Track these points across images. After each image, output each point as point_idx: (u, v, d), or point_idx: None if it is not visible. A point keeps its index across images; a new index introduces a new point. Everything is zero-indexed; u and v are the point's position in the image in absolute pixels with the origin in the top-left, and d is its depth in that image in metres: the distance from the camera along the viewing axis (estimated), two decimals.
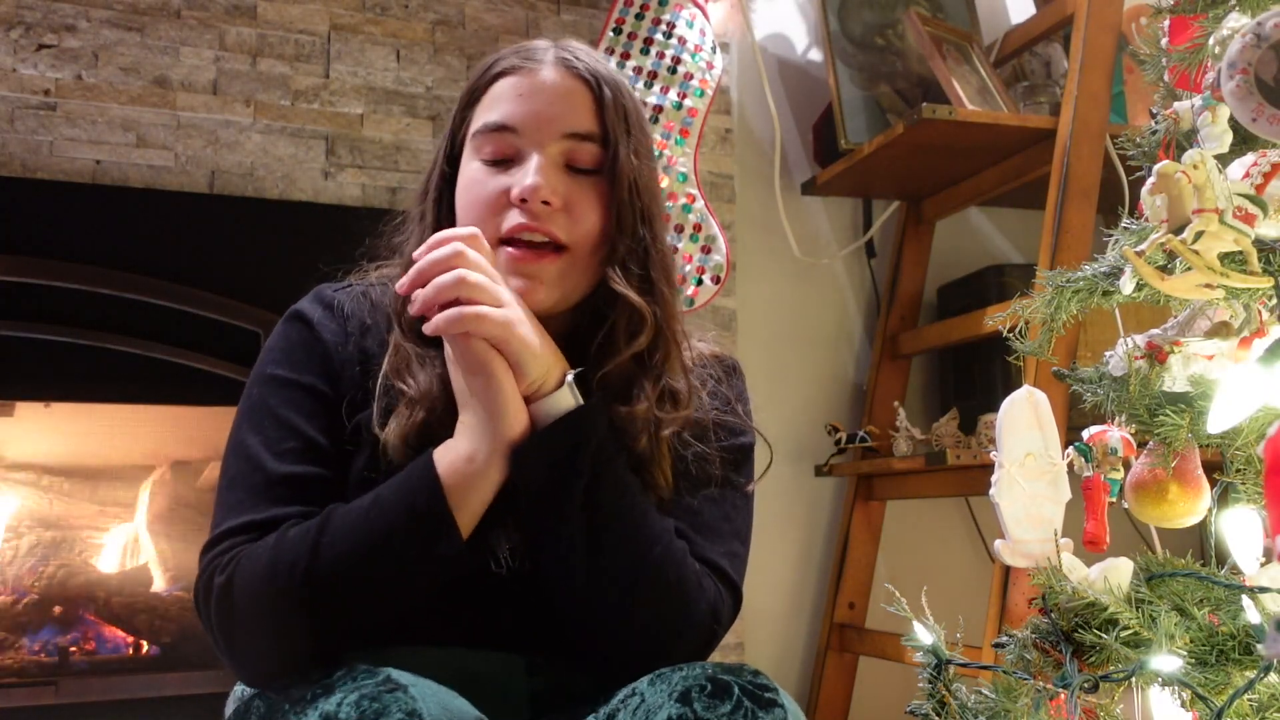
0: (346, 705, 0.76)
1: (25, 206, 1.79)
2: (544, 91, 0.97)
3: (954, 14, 2.38)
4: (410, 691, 0.77)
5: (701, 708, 0.79)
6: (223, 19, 1.97)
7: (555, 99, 0.97)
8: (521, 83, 0.98)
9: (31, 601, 1.93)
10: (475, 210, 0.97)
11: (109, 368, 1.81)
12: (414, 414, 0.93)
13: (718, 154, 2.29)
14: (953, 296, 2.38)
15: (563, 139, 0.97)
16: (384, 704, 0.76)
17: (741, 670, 0.83)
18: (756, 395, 1.15)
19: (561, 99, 0.97)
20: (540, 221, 0.95)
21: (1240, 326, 0.94)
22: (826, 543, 2.38)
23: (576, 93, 0.98)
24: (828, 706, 2.23)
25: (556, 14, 2.19)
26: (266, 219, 1.92)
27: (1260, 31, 0.86)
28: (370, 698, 0.76)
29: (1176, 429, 0.92)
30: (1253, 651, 0.83)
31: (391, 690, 0.77)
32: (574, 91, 0.98)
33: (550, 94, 0.97)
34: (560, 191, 0.96)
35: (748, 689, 0.81)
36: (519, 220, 0.95)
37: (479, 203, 0.97)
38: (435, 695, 0.79)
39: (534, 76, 0.98)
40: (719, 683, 0.81)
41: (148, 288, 1.82)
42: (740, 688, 0.80)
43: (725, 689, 0.80)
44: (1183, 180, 0.83)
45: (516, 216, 0.95)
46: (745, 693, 0.80)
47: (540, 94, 0.97)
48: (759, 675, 0.83)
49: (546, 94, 0.97)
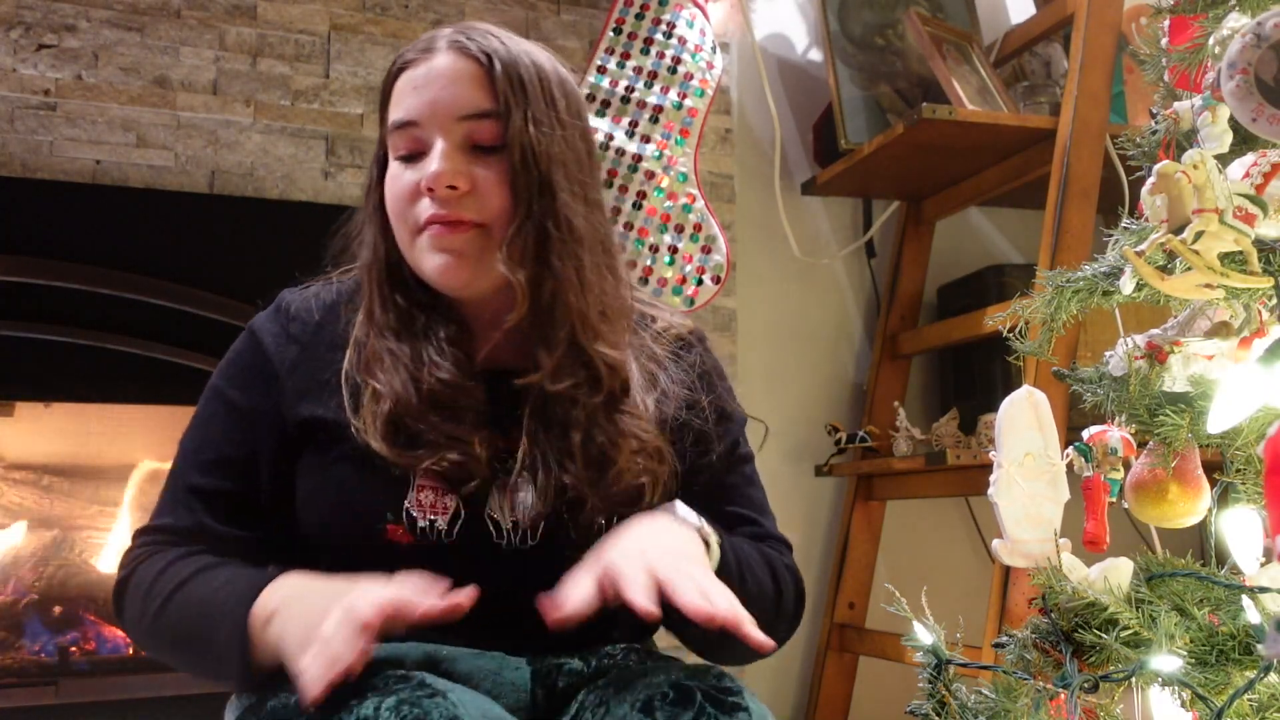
0: (385, 710, 0.75)
1: (25, 206, 1.79)
2: (437, 78, 0.98)
3: (954, 14, 2.38)
4: (449, 697, 0.77)
5: (664, 717, 0.80)
6: (223, 19, 1.97)
7: (448, 83, 0.98)
8: (416, 74, 0.99)
9: (31, 601, 1.93)
10: (395, 206, 0.99)
11: (109, 368, 1.81)
12: (380, 405, 0.95)
13: (718, 154, 2.29)
14: (953, 296, 2.38)
15: (460, 121, 0.97)
16: (424, 709, 0.75)
17: (708, 674, 0.83)
18: (756, 395, 1.18)
19: (454, 82, 0.98)
20: (451, 208, 0.96)
21: (1240, 326, 0.94)
22: (826, 543, 2.37)
23: (468, 73, 0.98)
24: (828, 706, 2.23)
25: (556, 14, 2.19)
26: (266, 219, 1.93)
27: (1260, 31, 0.86)
28: (410, 703, 0.76)
29: (1176, 429, 0.92)
30: (1253, 651, 0.83)
31: (431, 695, 0.77)
32: (465, 72, 0.98)
33: (443, 79, 0.98)
34: (466, 173, 0.96)
35: (710, 694, 0.81)
36: (431, 210, 0.96)
37: (397, 199, 0.99)
38: (474, 701, 0.79)
39: (428, 65, 0.99)
40: (682, 689, 0.81)
41: (148, 288, 1.82)
42: (703, 693, 0.81)
43: (688, 696, 0.80)
44: (1183, 180, 0.83)
45: (429, 206, 0.97)
46: (708, 698, 0.80)
47: (434, 82, 0.98)
48: (724, 678, 0.83)
49: (440, 80, 0.98)
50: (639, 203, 1.85)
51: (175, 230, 1.87)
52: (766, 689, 2.27)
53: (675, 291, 1.85)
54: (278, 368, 1.01)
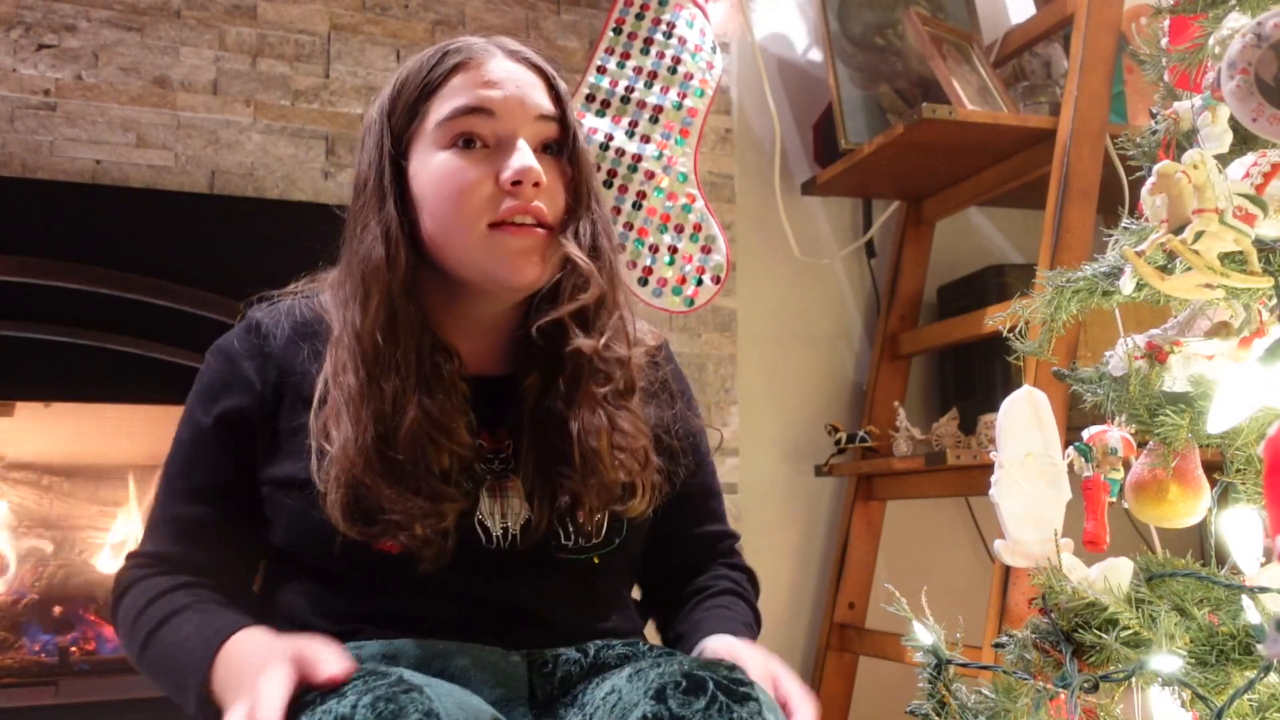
0: (362, 707, 0.75)
1: (25, 206, 1.79)
2: (511, 77, 1.00)
3: (954, 14, 2.38)
4: (426, 692, 0.77)
5: (676, 704, 0.80)
6: (223, 19, 1.97)
7: (522, 83, 1.00)
8: (484, 71, 0.99)
9: (31, 601, 1.93)
10: (460, 198, 0.96)
11: (109, 368, 1.81)
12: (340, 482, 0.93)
13: (718, 154, 2.29)
14: (953, 296, 2.38)
15: (536, 120, 0.99)
16: (400, 704, 0.75)
17: (718, 666, 0.84)
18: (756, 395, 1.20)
19: (527, 84, 1.00)
20: (530, 202, 0.97)
21: (1240, 326, 0.94)
22: (826, 543, 2.37)
23: (534, 78, 1.02)
24: (828, 706, 2.23)
25: (556, 14, 2.19)
26: (266, 219, 1.93)
27: (1260, 31, 0.86)
28: (385, 699, 0.76)
29: (1176, 429, 0.92)
30: (1253, 651, 0.83)
31: (406, 691, 0.77)
32: (532, 77, 1.02)
33: (517, 79, 1.00)
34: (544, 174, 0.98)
35: (722, 684, 0.81)
36: (512, 203, 0.96)
37: (462, 189, 0.96)
38: (450, 694, 0.79)
39: (491, 65, 1.00)
40: (694, 679, 0.82)
41: (148, 288, 1.82)
42: (715, 683, 0.81)
43: (700, 685, 0.81)
44: (1183, 180, 0.83)
45: (507, 200, 0.96)
46: (720, 688, 0.81)
47: (508, 79, 0.99)
48: (735, 670, 0.84)
49: (514, 79, 1.00)
50: (639, 203, 1.85)
51: (175, 230, 1.87)
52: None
53: (675, 291, 1.85)
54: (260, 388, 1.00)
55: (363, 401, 0.94)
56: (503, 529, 0.97)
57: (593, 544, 1.00)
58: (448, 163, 0.97)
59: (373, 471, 0.92)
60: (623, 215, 1.86)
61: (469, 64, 0.99)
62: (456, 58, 1.00)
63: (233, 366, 1.01)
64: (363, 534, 0.92)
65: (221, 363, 1.03)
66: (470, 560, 0.96)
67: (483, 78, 0.99)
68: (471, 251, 0.97)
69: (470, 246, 0.97)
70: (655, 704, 0.80)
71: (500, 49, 1.02)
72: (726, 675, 0.82)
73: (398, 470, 0.92)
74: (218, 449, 1.01)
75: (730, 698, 0.80)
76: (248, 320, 1.05)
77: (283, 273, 1.12)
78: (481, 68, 0.99)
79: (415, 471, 0.93)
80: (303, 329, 1.03)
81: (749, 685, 0.82)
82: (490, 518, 0.97)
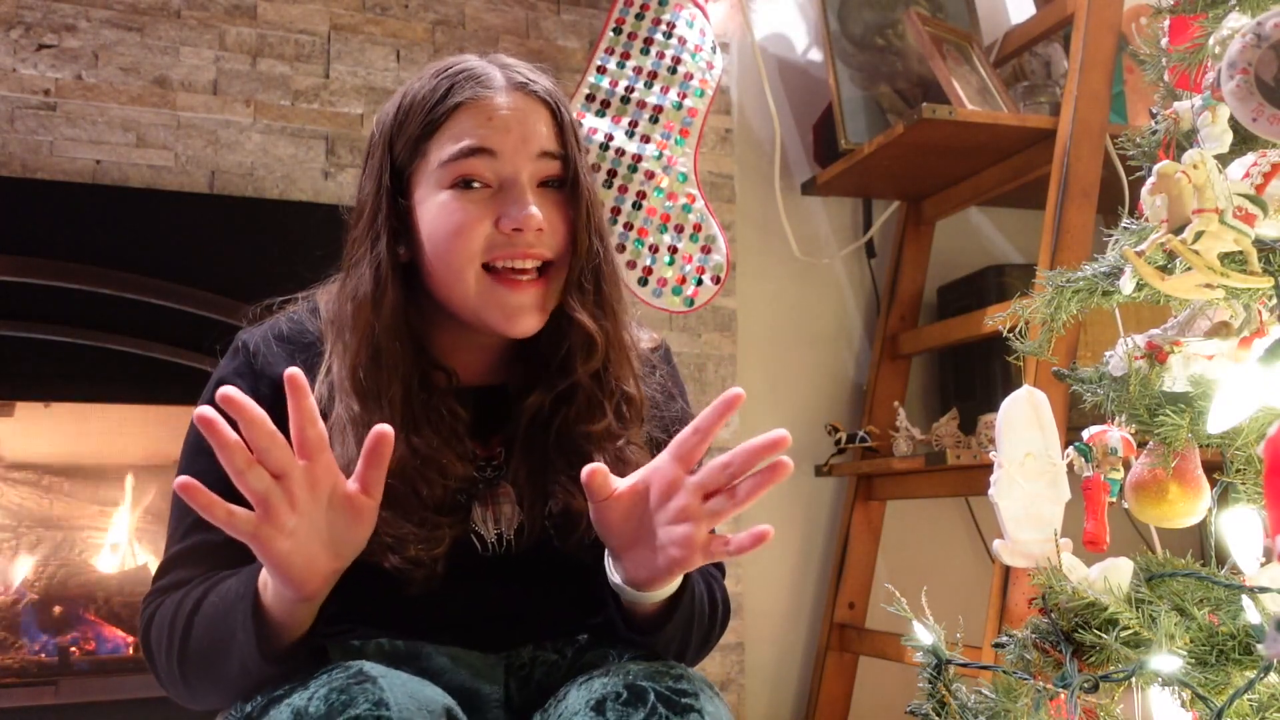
0: (316, 700, 0.77)
1: (25, 206, 1.79)
2: (513, 113, 0.98)
3: (954, 14, 2.38)
4: (379, 683, 0.78)
5: (614, 717, 0.80)
6: (223, 19, 1.97)
7: (525, 119, 0.99)
8: (486, 109, 0.98)
9: (31, 601, 1.93)
10: (458, 239, 0.96)
11: (109, 368, 1.81)
12: None
13: (718, 154, 2.29)
14: (953, 296, 2.38)
15: (538, 159, 0.99)
16: (351, 695, 0.76)
17: (665, 675, 0.84)
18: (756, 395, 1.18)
19: (530, 120, 0.99)
20: (532, 248, 0.97)
21: (1240, 326, 0.94)
22: (826, 543, 2.37)
23: (540, 113, 1.00)
24: (828, 706, 2.23)
25: (556, 14, 2.19)
26: (266, 219, 1.93)
27: (1260, 31, 0.86)
28: (339, 690, 0.77)
29: (1176, 429, 0.92)
30: (1253, 651, 0.83)
31: (360, 682, 0.78)
32: (538, 112, 1.00)
33: (520, 115, 0.98)
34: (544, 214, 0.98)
35: (664, 695, 0.81)
36: (508, 249, 0.97)
37: (461, 231, 0.96)
38: (404, 685, 0.79)
39: (497, 101, 0.98)
40: (635, 690, 0.82)
41: (148, 288, 1.82)
42: (656, 694, 0.81)
43: (641, 696, 0.81)
44: (1183, 180, 0.83)
45: (507, 244, 0.97)
46: (661, 699, 0.81)
47: (511, 116, 0.98)
48: (681, 680, 0.84)
49: (516, 115, 0.98)
50: (639, 203, 1.85)
51: (175, 230, 1.87)
52: (766, 689, 2.27)
53: (675, 291, 1.85)
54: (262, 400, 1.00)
55: (358, 427, 0.94)
56: (497, 535, 0.98)
57: (586, 545, 1.01)
58: (448, 204, 0.97)
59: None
60: (623, 215, 1.86)
61: (471, 102, 0.98)
62: (460, 95, 0.98)
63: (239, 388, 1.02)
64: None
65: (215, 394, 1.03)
66: (466, 568, 0.97)
67: (486, 115, 0.98)
68: (468, 296, 0.98)
69: (467, 289, 0.98)
70: (595, 715, 0.81)
71: (507, 81, 1.00)
72: (670, 686, 0.82)
73: (392, 495, 0.92)
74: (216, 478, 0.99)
75: (671, 709, 0.80)
76: (234, 345, 1.05)
77: (283, 273, 1.12)
78: (485, 105, 0.98)
79: (408, 501, 0.94)
80: (289, 344, 1.03)
81: (693, 696, 0.82)
82: (483, 525, 0.98)
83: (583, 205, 1.00)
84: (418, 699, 0.78)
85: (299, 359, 1.01)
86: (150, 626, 0.96)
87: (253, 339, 1.04)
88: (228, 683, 0.90)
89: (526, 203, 0.96)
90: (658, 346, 1.15)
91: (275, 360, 1.01)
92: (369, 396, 0.95)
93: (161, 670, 0.95)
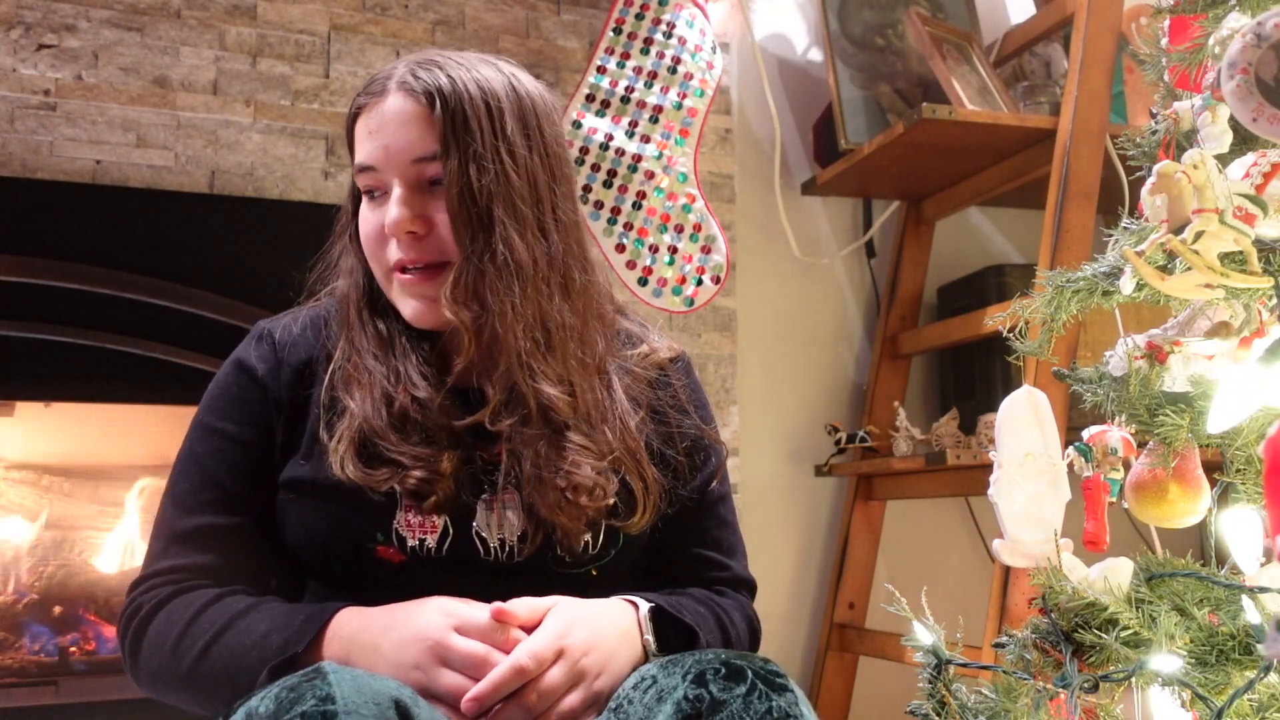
0: (267, 699, 0.78)
1: (25, 206, 1.79)
2: (388, 123, 0.99)
3: (954, 14, 2.38)
4: (329, 678, 0.78)
5: (717, 689, 0.81)
6: (223, 19, 1.97)
7: (397, 127, 0.99)
8: (370, 120, 1.01)
9: (31, 601, 1.93)
10: (368, 246, 1.03)
11: (109, 368, 1.81)
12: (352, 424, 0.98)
13: (718, 154, 2.29)
14: (953, 296, 2.38)
15: (414, 163, 0.99)
16: (300, 692, 0.77)
17: (753, 657, 0.86)
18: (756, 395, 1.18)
19: (402, 125, 0.99)
20: (414, 251, 0.99)
21: (1240, 326, 0.94)
22: (826, 543, 2.37)
23: (414, 114, 0.99)
24: (828, 706, 2.23)
25: (557, 14, 2.19)
26: (266, 219, 1.93)
27: (1260, 31, 0.86)
28: (290, 688, 0.78)
29: (1176, 429, 0.92)
30: (1253, 651, 0.83)
31: (311, 679, 0.78)
32: (412, 114, 0.99)
33: (393, 123, 0.99)
34: (423, 216, 0.99)
35: (761, 674, 0.83)
36: (399, 255, 1.00)
37: (368, 240, 1.02)
38: (353, 679, 0.80)
39: (379, 109, 1.00)
40: (733, 666, 0.83)
41: (148, 288, 1.82)
42: (754, 672, 0.83)
43: (739, 672, 0.83)
44: (1183, 180, 0.83)
45: (396, 250, 1.00)
46: (759, 676, 0.83)
47: (385, 126, 1.00)
48: (769, 662, 0.86)
49: (390, 125, 0.99)
50: (639, 203, 1.85)
51: (175, 230, 1.87)
52: None
53: (675, 291, 1.85)
54: (273, 395, 1.04)
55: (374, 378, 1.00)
56: (499, 540, 0.99)
57: (589, 556, 1.01)
58: (363, 213, 1.03)
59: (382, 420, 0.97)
60: (623, 215, 1.86)
61: (363, 110, 1.02)
62: (357, 104, 1.03)
63: (248, 375, 1.05)
64: (366, 477, 0.95)
65: (236, 373, 1.05)
66: (468, 571, 0.98)
67: (367, 128, 1.01)
68: (389, 294, 1.04)
69: (389, 290, 1.04)
70: (696, 687, 0.82)
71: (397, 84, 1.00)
72: (763, 666, 0.84)
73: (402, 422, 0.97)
74: (233, 457, 1.02)
75: (769, 687, 0.82)
76: (257, 331, 1.08)
77: (283, 273, 1.12)
78: (370, 113, 1.01)
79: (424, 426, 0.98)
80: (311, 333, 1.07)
81: (784, 677, 0.84)
82: (486, 529, 0.99)
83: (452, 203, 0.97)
84: (365, 692, 0.78)
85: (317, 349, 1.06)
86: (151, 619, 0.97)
87: (276, 327, 1.08)
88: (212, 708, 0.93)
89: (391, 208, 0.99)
90: (676, 357, 1.15)
91: (299, 347, 1.06)
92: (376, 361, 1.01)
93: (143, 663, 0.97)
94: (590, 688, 0.90)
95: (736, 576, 1.13)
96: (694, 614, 1.01)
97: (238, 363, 1.06)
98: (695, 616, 1.01)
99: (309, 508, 0.99)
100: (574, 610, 0.93)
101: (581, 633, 0.91)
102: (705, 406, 1.15)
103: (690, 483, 1.09)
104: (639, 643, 0.96)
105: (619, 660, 0.93)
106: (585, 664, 0.90)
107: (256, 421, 1.03)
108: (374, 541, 0.97)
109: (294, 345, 1.06)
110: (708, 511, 1.12)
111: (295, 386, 1.04)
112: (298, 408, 1.03)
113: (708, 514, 1.12)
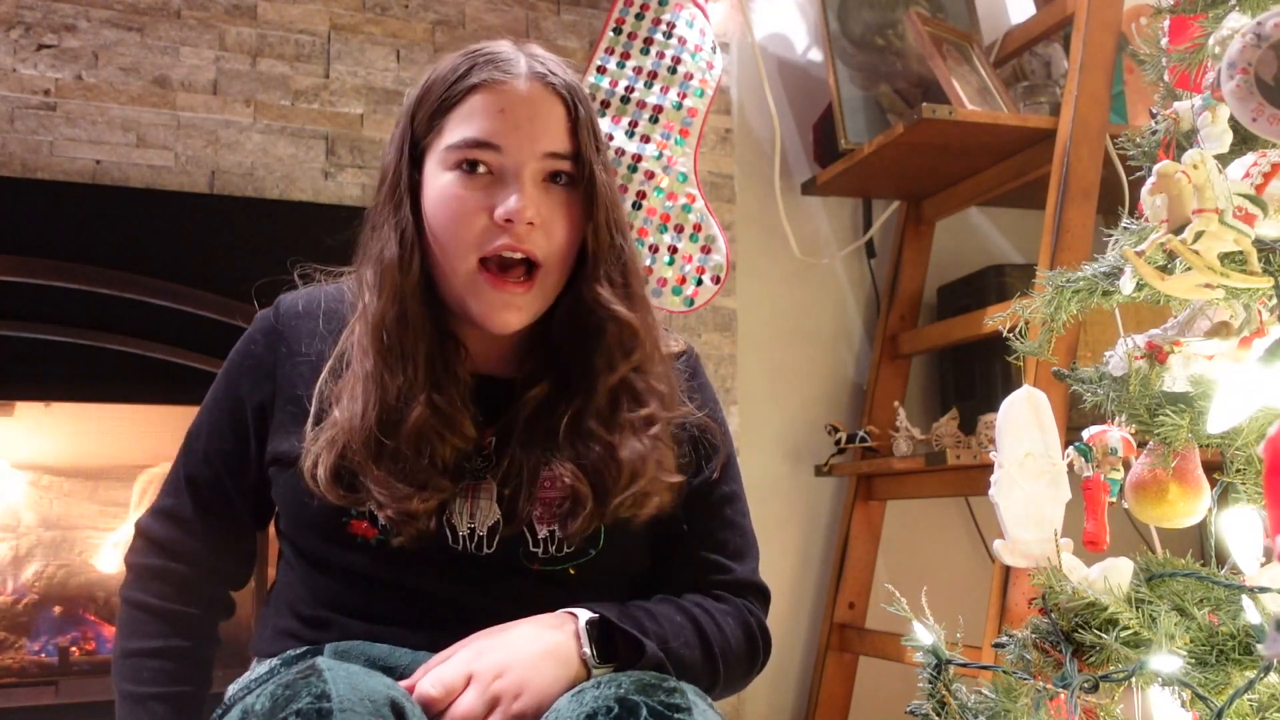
0: (263, 697, 0.78)
1: (25, 206, 1.79)
2: (523, 107, 0.97)
3: (954, 14, 2.38)
4: (324, 675, 0.78)
5: None
6: (223, 19, 1.97)
7: (534, 116, 0.98)
8: (500, 98, 0.97)
9: (31, 601, 1.93)
10: (454, 226, 0.98)
11: (109, 368, 1.81)
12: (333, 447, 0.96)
13: (718, 154, 2.29)
14: (953, 296, 2.38)
15: (543, 158, 0.98)
16: (295, 690, 0.77)
17: (657, 689, 0.83)
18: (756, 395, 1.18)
19: (540, 117, 0.98)
20: (522, 242, 0.97)
21: (1240, 326, 0.94)
22: (826, 543, 2.37)
23: (553, 109, 0.99)
24: (828, 706, 2.23)
25: (556, 14, 2.19)
26: (266, 219, 1.93)
27: (1260, 31, 0.86)
28: (285, 685, 0.78)
29: (1176, 429, 0.92)
30: (1253, 651, 0.83)
31: (306, 677, 0.78)
32: (551, 108, 0.99)
33: (530, 110, 0.98)
34: (541, 211, 0.97)
35: (656, 709, 0.81)
36: (503, 240, 0.96)
37: (458, 218, 0.97)
38: (349, 677, 0.79)
39: (511, 90, 0.98)
40: (627, 704, 0.81)
41: (148, 288, 1.82)
42: (649, 708, 0.81)
43: (632, 710, 0.80)
44: (1183, 180, 0.83)
45: (499, 236, 0.97)
46: (653, 713, 0.80)
47: (520, 110, 0.97)
48: (675, 694, 0.83)
49: (526, 110, 0.97)
50: (639, 203, 1.85)
51: (175, 230, 1.87)
52: (766, 689, 2.27)
53: (675, 291, 1.85)
54: (271, 366, 1.04)
55: (373, 387, 0.97)
56: (469, 529, 0.98)
57: (565, 554, 1.00)
58: (449, 186, 0.98)
59: (365, 452, 0.95)
60: None
61: (488, 85, 0.98)
62: (479, 75, 0.98)
63: (251, 346, 1.07)
64: (343, 498, 0.95)
65: (244, 343, 1.08)
66: (433, 559, 0.97)
67: (498, 105, 0.97)
68: (459, 284, 0.99)
69: (459, 278, 0.99)
70: None
71: (528, 69, 0.99)
72: (663, 701, 0.81)
73: (391, 456, 0.95)
74: (229, 421, 1.06)
75: None
76: (277, 303, 1.10)
77: (283, 273, 1.12)
78: (499, 91, 0.97)
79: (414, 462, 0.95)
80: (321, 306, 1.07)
81: (686, 711, 0.81)
82: (459, 516, 0.98)
83: (598, 203, 0.99)
84: (361, 690, 0.78)
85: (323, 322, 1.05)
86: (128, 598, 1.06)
87: (287, 299, 1.09)
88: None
89: (520, 195, 0.96)
90: (683, 352, 1.14)
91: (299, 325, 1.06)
92: (392, 354, 0.98)
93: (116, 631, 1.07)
94: (508, 710, 0.86)
95: (740, 580, 1.09)
96: (656, 624, 0.96)
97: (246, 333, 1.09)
98: (657, 626, 0.96)
99: (288, 480, 1.00)
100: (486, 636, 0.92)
101: (492, 656, 0.88)
102: (713, 403, 1.14)
103: (694, 481, 1.07)
104: (575, 657, 0.91)
105: (541, 679, 0.88)
106: (499, 687, 0.86)
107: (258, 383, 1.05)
108: (348, 515, 0.97)
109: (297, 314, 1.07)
110: (712, 512, 1.09)
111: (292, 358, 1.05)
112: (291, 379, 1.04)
113: (712, 514, 1.09)
